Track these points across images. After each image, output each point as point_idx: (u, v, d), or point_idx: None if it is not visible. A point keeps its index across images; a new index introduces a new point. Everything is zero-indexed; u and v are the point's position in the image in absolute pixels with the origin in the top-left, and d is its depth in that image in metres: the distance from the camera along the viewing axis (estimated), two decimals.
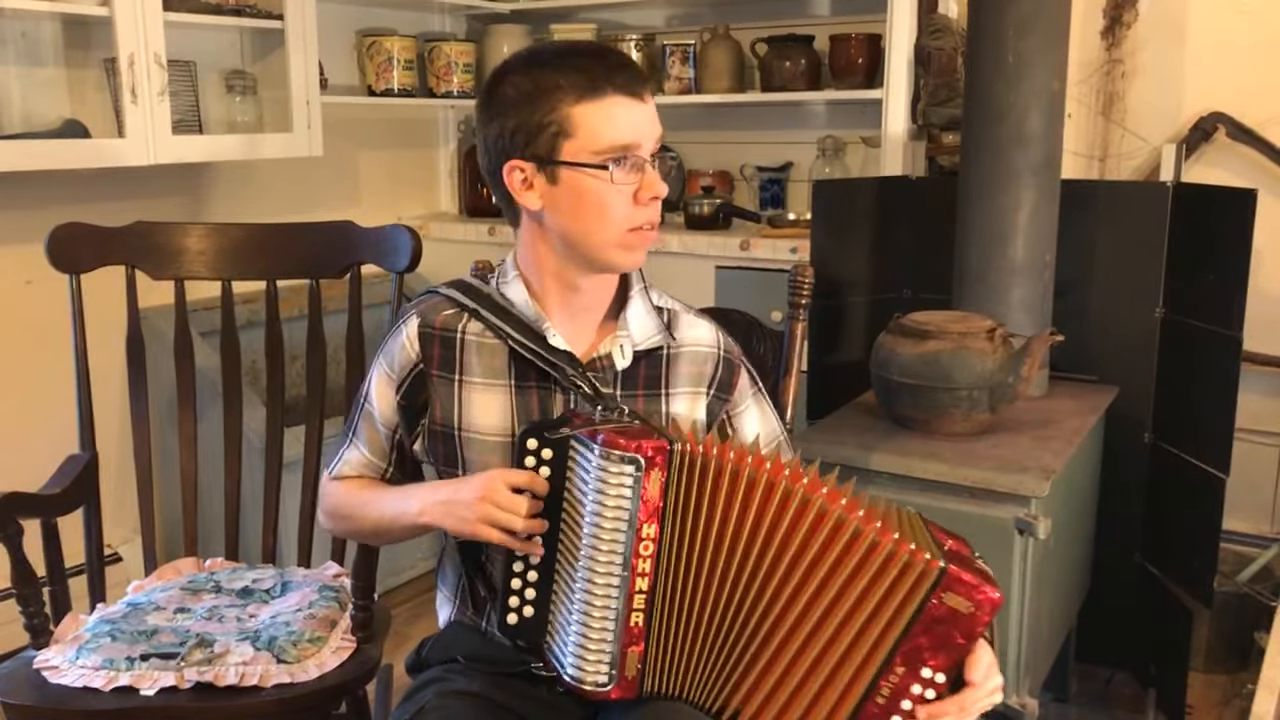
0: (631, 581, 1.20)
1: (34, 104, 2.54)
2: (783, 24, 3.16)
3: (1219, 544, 2.26)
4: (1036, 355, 2.04)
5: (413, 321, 1.39)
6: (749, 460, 1.22)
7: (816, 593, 1.20)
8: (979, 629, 1.17)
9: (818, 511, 1.20)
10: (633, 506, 1.19)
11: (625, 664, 1.21)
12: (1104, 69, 2.77)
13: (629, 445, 1.19)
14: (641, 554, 1.20)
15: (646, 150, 1.29)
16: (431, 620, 1.56)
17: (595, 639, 1.21)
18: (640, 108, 1.28)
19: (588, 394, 1.33)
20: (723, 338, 1.45)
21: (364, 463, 1.47)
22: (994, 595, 1.16)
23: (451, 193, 3.75)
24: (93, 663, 1.58)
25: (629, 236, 1.30)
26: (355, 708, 1.76)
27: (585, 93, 1.25)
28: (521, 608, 1.28)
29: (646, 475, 1.19)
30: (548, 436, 1.25)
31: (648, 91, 1.30)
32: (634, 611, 1.21)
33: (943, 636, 1.17)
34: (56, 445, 1.95)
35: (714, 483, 1.22)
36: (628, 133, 1.27)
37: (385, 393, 1.42)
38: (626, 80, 1.27)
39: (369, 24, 3.39)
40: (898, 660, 1.18)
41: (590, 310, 1.38)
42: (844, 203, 2.61)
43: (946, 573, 1.15)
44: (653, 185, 1.29)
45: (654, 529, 1.20)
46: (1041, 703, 2.13)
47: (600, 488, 1.19)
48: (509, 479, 1.25)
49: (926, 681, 1.18)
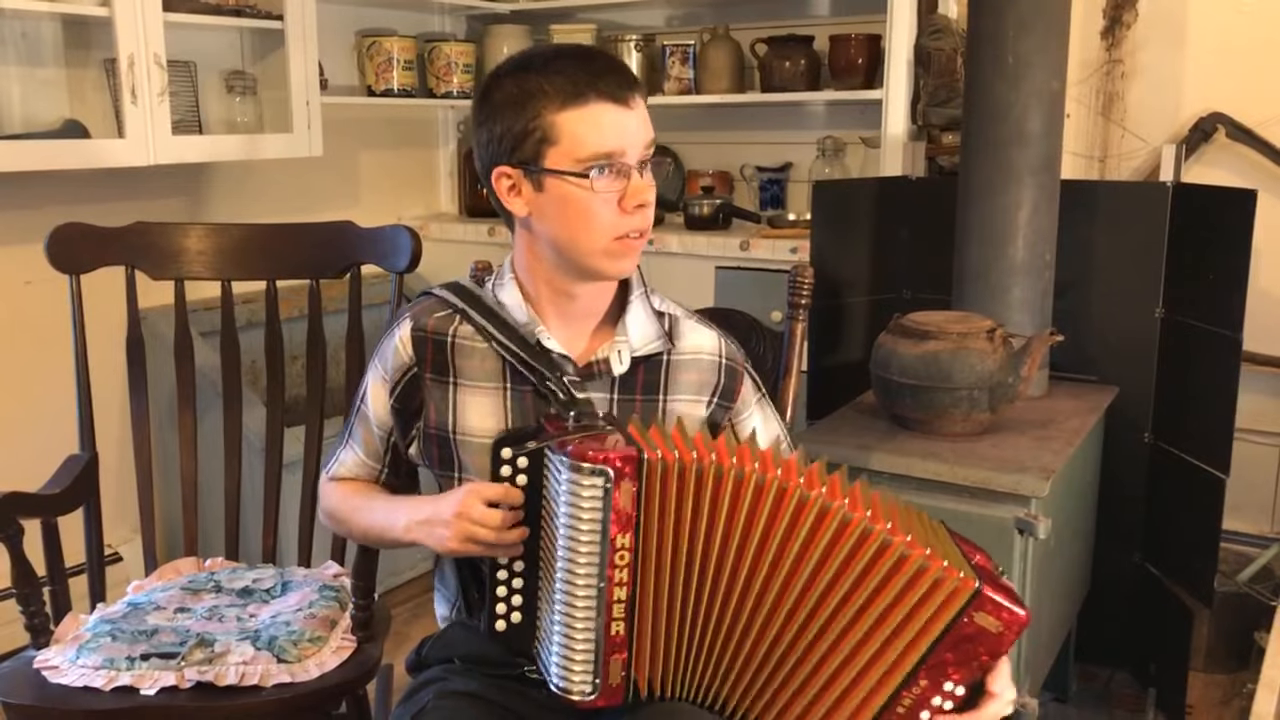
0: (609, 591, 1.19)
1: (34, 104, 2.54)
2: (782, 24, 3.16)
3: (1219, 544, 2.26)
4: (1036, 355, 2.04)
5: (406, 324, 1.39)
6: (732, 461, 1.19)
7: (828, 600, 1.19)
8: (1005, 648, 1.16)
9: (840, 521, 1.17)
10: (604, 518, 1.17)
11: (609, 673, 1.21)
12: (1104, 69, 2.77)
13: (597, 457, 1.17)
14: (617, 564, 1.19)
15: (632, 157, 1.27)
16: (431, 620, 1.56)
17: (579, 649, 1.20)
18: (625, 114, 1.26)
19: (560, 399, 1.32)
20: (726, 344, 1.44)
21: (359, 464, 1.47)
22: (1022, 615, 1.15)
23: (451, 193, 3.75)
24: (93, 662, 1.58)
25: (615, 244, 1.28)
26: (355, 707, 1.76)
27: (569, 99, 1.24)
28: (509, 614, 1.28)
29: (616, 486, 1.17)
30: (524, 446, 1.24)
31: (635, 96, 1.27)
32: (614, 621, 1.20)
33: (969, 653, 1.16)
34: (56, 445, 1.95)
35: (689, 487, 1.19)
36: (611, 140, 1.25)
37: (380, 395, 1.42)
38: (611, 86, 1.25)
39: (369, 24, 3.39)
40: (922, 674, 1.17)
41: (589, 315, 1.37)
42: (844, 203, 2.61)
43: (980, 593, 1.14)
44: (638, 192, 1.27)
45: (628, 538, 1.18)
46: (1041, 703, 2.13)
47: (571, 500, 1.18)
48: (483, 493, 1.24)
49: (948, 694, 1.18)
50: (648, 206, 1.29)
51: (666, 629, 1.23)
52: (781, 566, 1.20)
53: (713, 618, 1.22)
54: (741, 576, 1.20)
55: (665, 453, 1.19)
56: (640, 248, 1.31)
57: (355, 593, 1.65)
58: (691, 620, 1.23)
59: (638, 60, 3.26)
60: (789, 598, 1.20)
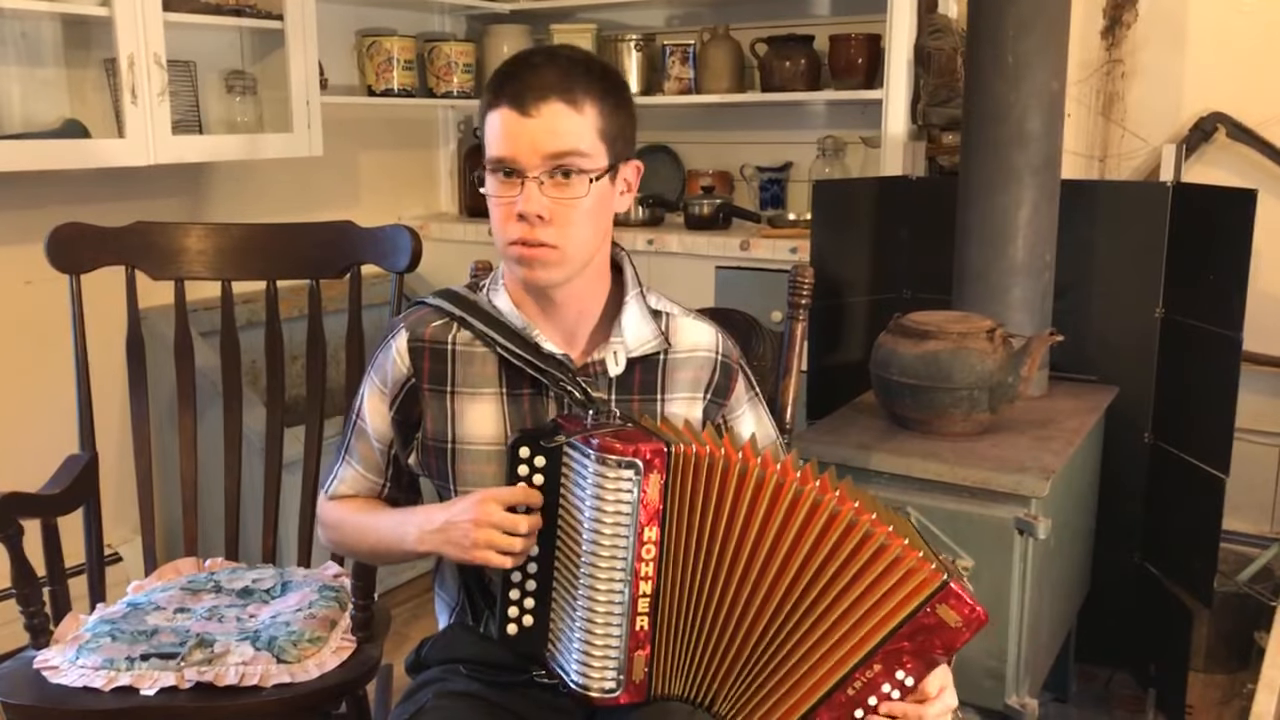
0: (635, 585, 1.20)
1: (34, 104, 2.54)
2: (782, 24, 3.16)
3: (1219, 544, 2.26)
4: (1036, 355, 2.04)
5: (401, 336, 1.38)
6: (751, 460, 1.22)
7: (813, 589, 1.21)
8: (959, 643, 1.19)
9: (829, 514, 1.20)
10: (633, 510, 1.19)
11: (633, 668, 1.22)
12: (1104, 69, 2.77)
13: (626, 449, 1.19)
14: (644, 557, 1.20)
15: (528, 166, 1.24)
16: (431, 620, 1.56)
17: (599, 645, 1.21)
18: (521, 122, 1.24)
19: (579, 399, 1.32)
20: (722, 340, 1.44)
21: (359, 480, 1.45)
22: (982, 614, 1.19)
23: (451, 193, 3.75)
24: (93, 663, 1.58)
25: (514, 249, 1.28)
26: (355, 708, 1.76)
27: (488, 103, 1.28)
28: (521, 617, 1.27)
29: (645, 478, 1.19)
30: (541, 444, 1.24)
31: (546, 105, 1.23)
32: (639, 615, 1.21)
33: (925, 644, 1.19)
34: (56, 445, 1.95)
35: (714, 482, 1.22)
36: (502, 146, 1.25)
37: (378, 409, 1.41)
38: (516, 92, 1.24)
39: (369, 24, 3.39)
40: (878, 657, 1.20)
41: (580, 317, 1.37)
42: (844, 203, 2.61)
43: (947, 585, 1.17)
44: (526, 201, 1.25)
45: (655, 532, 1.20)
46: (1041, 703, 2.13)
47: (598, 494, 1.19)
48: (501, 498, 1.24)
49: (898, 683, 1.21)
50: (535, 220, 1.25)
51: (679, 624, 1.24)
52: (790, 563, 1.21)
53: (723, 613, 1.23)
54: (754, 572, 1.22)
55: (692, 447, 1.21)
56: (540, 259, 1.27)
57: (355, 593, 1.65)
58: (703, 615, 1.24)
59: (638, 60, 3.26)
60: (785, 591, 1.22)
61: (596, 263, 1.34)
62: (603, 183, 1.28)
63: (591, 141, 1.27)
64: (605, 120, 1.28)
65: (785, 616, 1.22)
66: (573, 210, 1.27)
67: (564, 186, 1.26)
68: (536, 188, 1.25)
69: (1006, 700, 1.92)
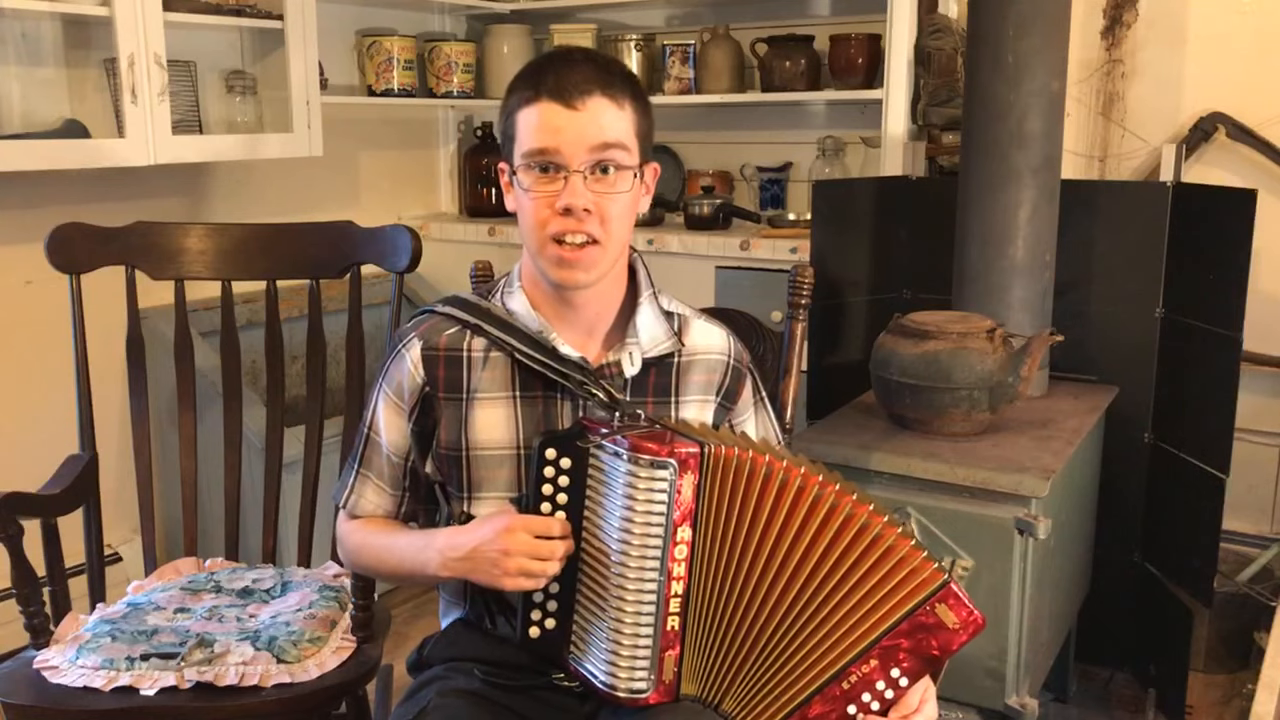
0: (667, 585, 1.21)
1: (34, 104, 2.54)
2: (783, 24, 3.16)
3: (1219, 544, 2.26)
4: (1036, 355, 2.04)
5: (415, 346, 1.36)
6: (777, 462, 1.23)
7: (824, 587, 1.22)
8: (955, 646, 1.20)
9: (846, 515, 1.22)
10: (667, 510, 1.19)
11: (663, 668, 1.22)
12: (1104, 69, 2.77)
13: (660, 450, 1.19)
14: (676, 558, 1.21)
15: (571, 159, 1.25)
16: (431, 620, 1.56)
17: (628, 646, 1.21)
18: (566, 115, 1.25)
19: (603, 401, 1.31)
20: (734, 344, 1.45)
21: (379, 494, 1.43)
22: (980, 619, 1.20)
23: (451, 193, 3.75)
24: (93, 663, 1.58)
25: (554, 249, 1.27)
26: (355, 708, 1.76)
27: (525, 99, 1.27)
28: (544, 620, 1.27)
29: (680, 478, 1.19)
30: (571, 445, 1.24)
31: (590, 99, 1.25)
32: (670, 615, 1.21)
33: (921, 643, 1.20)
34: (56, 445, 1.95)
35: (745, 484, 1.23)
36: (545, 138, 1.25)
37: (395, 422, 1.39)
38: (559, 85, 1.25)
39: (369, 24, 3.39)
40: (875, 652, 1.21)
41: (597, 319, 1.37)
42: (844, 203, 2.61)
43: (947, 585, 1.19)
44: (569, 194, 1.25)
45: (688, 532, 1.21)
46: (1041, 703, 2.13)
47: (629, 494, 1.19)
48: (531, 526, 1.23)
49: (892, 681, 1.21)
50: (583, 214, 1.25)
51: (705, 624, 1.24)
52: (805, 562, 1.23)
53: (741, 612, 1.24)
54: (773, 571, 1.23)
55: (723, 448, 1.22)
56: (583, 260, 1.27)
57: (355, 593, 1.65)
58: (727, 615, 1.24)
59: (638, 60, 3.26)
60: (799, 590, 1.23)
61: (618, 263, 1.35)
62: (637, 180, 1.31)
63: (630, 137, 1.29)
64: (639, 119, 1.30)
65: (796, 614, 1.23)
66: (615, 205, 1.28)
67: (605, 181, 1.27)
68: (580, 181, 1.25)
69: (1006, 700, 1.92)
